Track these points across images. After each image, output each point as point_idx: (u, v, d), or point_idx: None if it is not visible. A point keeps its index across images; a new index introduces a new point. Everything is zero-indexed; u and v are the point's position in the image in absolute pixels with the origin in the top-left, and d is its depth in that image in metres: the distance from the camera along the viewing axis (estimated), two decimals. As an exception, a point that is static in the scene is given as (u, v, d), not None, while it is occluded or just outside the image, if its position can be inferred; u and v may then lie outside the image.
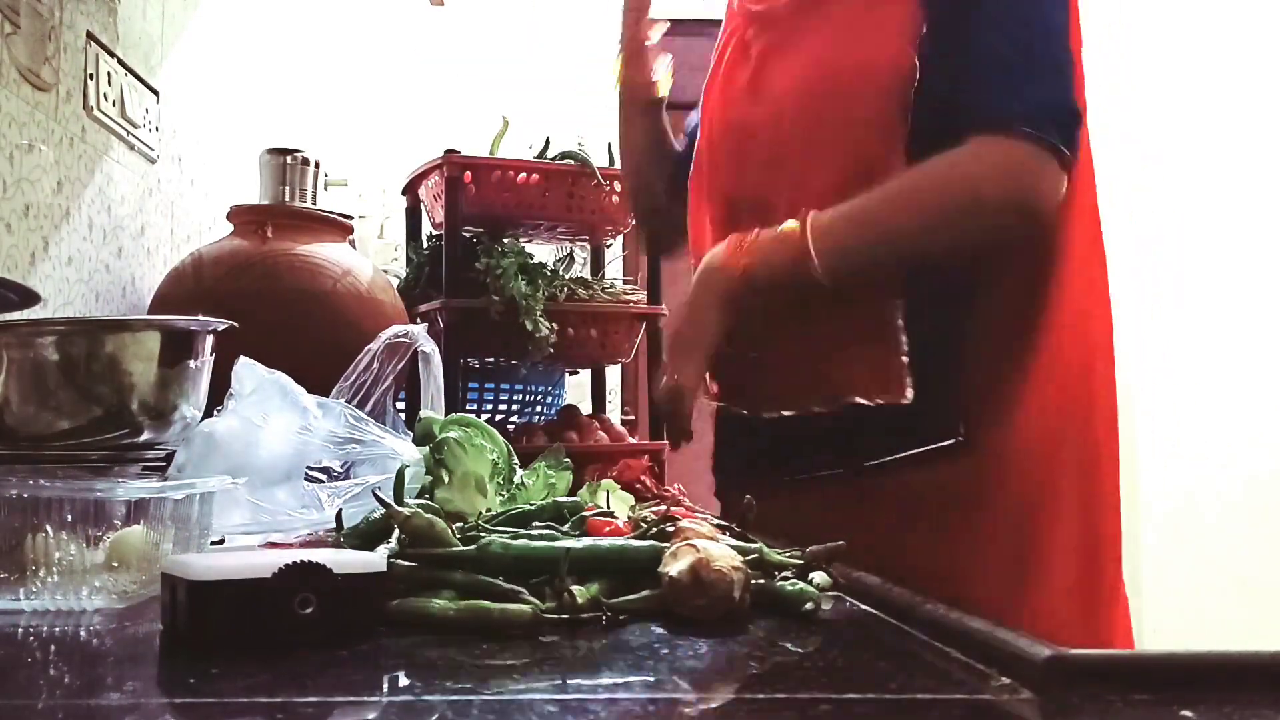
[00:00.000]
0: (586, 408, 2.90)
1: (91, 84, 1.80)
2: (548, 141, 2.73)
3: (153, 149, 2.12)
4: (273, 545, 0.97)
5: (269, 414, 1.16)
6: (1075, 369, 1.12)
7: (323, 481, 1.16)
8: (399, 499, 0.84)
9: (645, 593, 0.70)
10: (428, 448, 1.01)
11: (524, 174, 2.53)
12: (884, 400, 1.08)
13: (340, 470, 1.19)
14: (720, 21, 1.35)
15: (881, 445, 1.10)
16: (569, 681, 0.57)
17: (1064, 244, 1.10)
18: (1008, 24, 1.05)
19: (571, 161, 2.59)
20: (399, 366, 1.37)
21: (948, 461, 1.08)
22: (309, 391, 1.27)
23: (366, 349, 1.35)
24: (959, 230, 1.06)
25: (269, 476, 1.11)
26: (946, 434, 1.08)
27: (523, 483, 1.07)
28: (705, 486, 1.31)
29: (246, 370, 1.21)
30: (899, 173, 1.07)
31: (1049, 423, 1.10)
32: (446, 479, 0.95)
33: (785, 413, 1.16)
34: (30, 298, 1.06)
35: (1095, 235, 1.14)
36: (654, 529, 0.80)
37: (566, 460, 1.12)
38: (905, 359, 1.08)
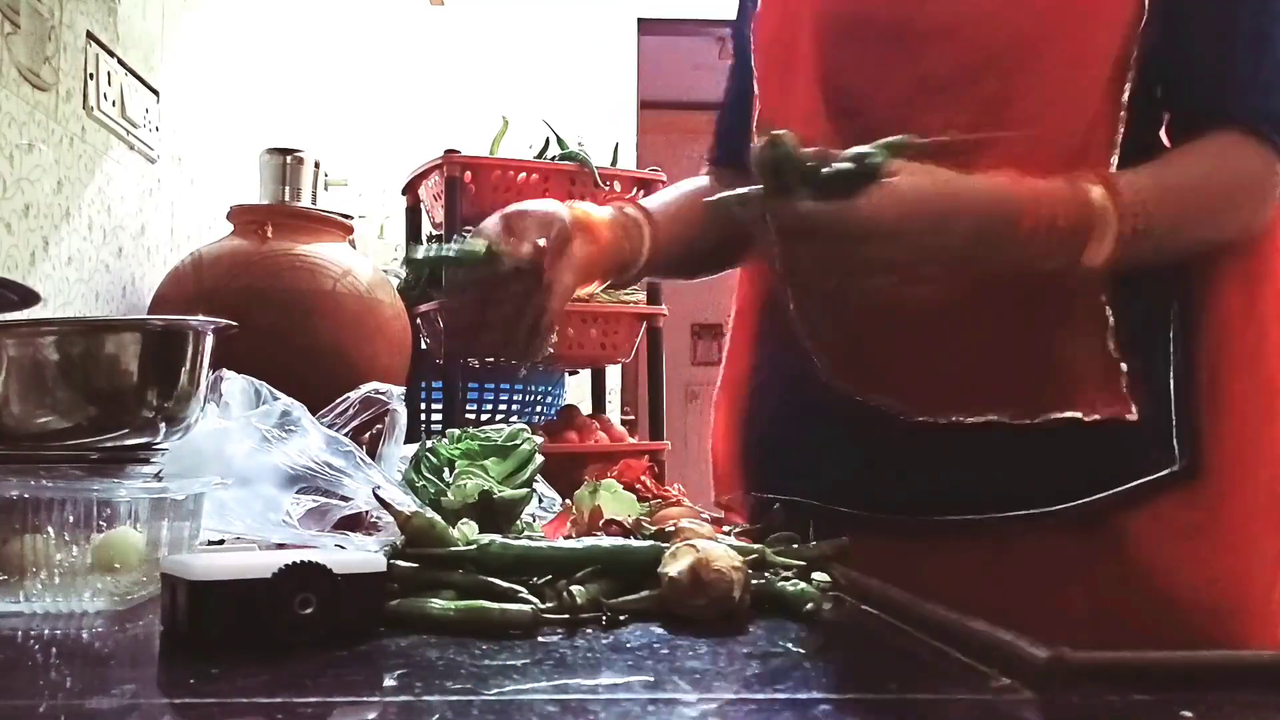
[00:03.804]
0: (586, 408, 2.90)
1: (91, 84, 1.80)
2: (547, 141, 2.74)
3: (153, 149, 2.12)
4: (280, 546, 0.97)
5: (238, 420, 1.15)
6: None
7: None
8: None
9: (645, 593, 0.70)
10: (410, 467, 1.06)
11: (524, 174, 2.53)
12: (1106, 415, 0.89)
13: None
14: (718, 21, 1.24)
15: (1092, 475, 0.90)
16: (569, 681, 0.57)
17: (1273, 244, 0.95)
18: (1261, 17, 0.91)
19: (571, 161, 2.59)
20: (369, 418, 1.37)
21: (1159, 499, 0.90)
22: (309, 392, 1.26)
23: (345, 397, 1.35)
24: (1211, 236, 0.92)
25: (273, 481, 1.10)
26: (1161, 463, 0.90)
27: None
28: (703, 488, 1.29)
29: (229, 380, 1.20)
30: (1110, 142, 0.89)
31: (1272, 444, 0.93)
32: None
33: (960, 419, 0.92)
34: (30, 298, 1.06)
35: None
36: (653, 529, 0.80)
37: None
38: (1125, 365, 0.89)
